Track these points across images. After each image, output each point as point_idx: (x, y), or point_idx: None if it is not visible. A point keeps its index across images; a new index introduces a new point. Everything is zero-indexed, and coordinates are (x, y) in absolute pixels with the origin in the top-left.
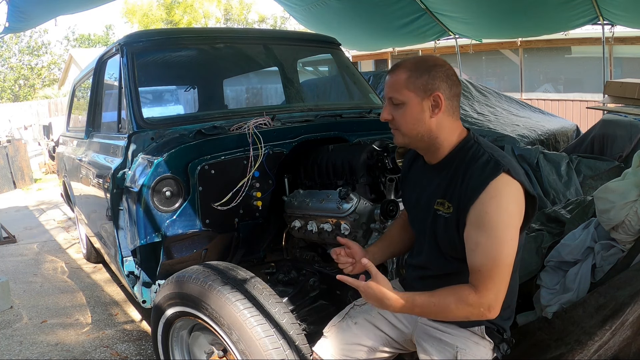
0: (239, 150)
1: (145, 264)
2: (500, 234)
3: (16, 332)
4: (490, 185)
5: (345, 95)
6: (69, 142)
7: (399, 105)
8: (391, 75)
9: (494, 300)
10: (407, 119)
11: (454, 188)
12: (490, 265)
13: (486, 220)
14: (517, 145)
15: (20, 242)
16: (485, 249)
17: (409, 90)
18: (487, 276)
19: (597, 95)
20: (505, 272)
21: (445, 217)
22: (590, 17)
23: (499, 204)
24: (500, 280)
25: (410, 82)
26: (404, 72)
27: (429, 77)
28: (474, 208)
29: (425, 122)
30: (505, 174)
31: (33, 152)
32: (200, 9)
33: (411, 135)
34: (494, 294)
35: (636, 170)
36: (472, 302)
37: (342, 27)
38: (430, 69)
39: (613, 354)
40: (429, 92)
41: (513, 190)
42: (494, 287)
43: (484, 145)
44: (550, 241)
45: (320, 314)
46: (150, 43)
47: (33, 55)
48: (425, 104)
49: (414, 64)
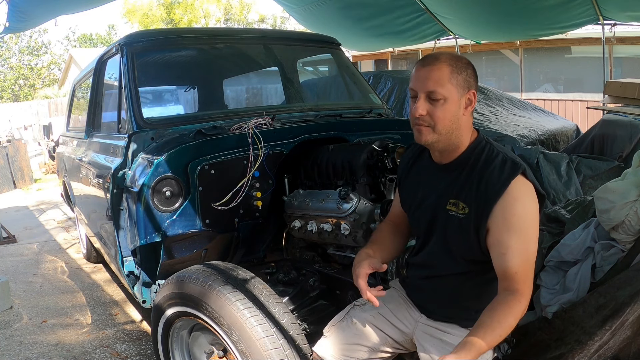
0: (239, 150)
1: (145, 264)
2: (529, 234)
3: (16, 332)
4: (511, 186)
5: (345, 95)
6: (69, 142)
7: (439, 100)
8: (430, 69)
9: (529, 294)
10: (446, 114)
11: (470, 189)
12: (525, 266)
13: (514, 223)
14: (517, 145)
15: (20, 242)
16: (519, 251)
17: (452, 85)
18: (525, 277)
19: (597, 95)
20: (533, 268)
21: (460, 217)
22: (590, 17)
23: (523, 205)
24: (532, 275)
25: (453, 76)
26: (447, 67)
27: (467, 75)
28: (497, 210)
29: (459, 118)
30: (522, 176)
31: (33, 152)
32: (200, 9)
33: (444, 132)
34: (530, 290)
35: (636, 170)
36: (524, 307)
37: (342, 27)
38: (468, 65)
39: (613, 354)
40: (466, 89)
41: (531, 190)
42: (530, 283)
43: (496, 146)
44: (550, 241)
45: (320, 314)
46: (150, 43)
47: (33, 55)
48: (462, 100)
49: (453, 59)
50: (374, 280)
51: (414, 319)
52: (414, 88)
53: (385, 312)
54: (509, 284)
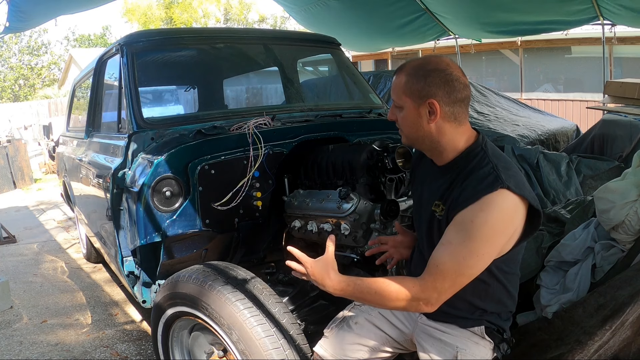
0: (239, 150)
1: (145, 264)
2: (475, 246)
3: (16, 332)
4: (482, 199)
5: (345, 95)
6: (69, 142)
7: (400, 108)
8: (394, 77)
9: (435, 299)
10: (406, 122)
11: (450, 193)
12: (449, 268)
13: (468, 227)
14: (517, 145)
15: (20, 242)
16: (454, 251)
17: (405, 96)
18: (440, 275)
19: (597, 95)
20: (462, 281)
21: (439, 219)
22: (590, 16)
23: (486, 217)
24: (452, 286)
25: (407, 87)
26: (404, 77)
27: (424, 84)
28: (461, 213)
29: (423, 127)
30: (505, 190)
31: (33, 152)
32: (199, 9)
33: (412, 138)
34: (437, 294)
35: (636, 170)
36: (413, 295)
37: (341, 28)
38: (428, 74)
39: (613, 354)
40: (424, 99)
41: (507, 207)
42: (442, 288)
43: (490, 154)
44: (550, 241)
45: (320, 314)
46: (150, 43)
47: (33, 55)
48: (422, 110)
49: (413, 67)
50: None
51: (414, 319)
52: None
53: (385, 312)
54: (425, 271)
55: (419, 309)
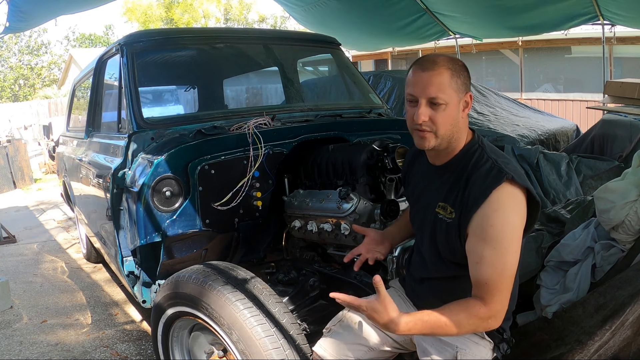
0: (239, 150)
1: (145, 264)
2: (506, 247)
3: (16, 332)
4: (492, 196)
5: (345, 95)
6: (69, 142)
7: (440, 105)
8: (430, 74)
9: (500, 310)
10: (447, 119)
11: (457, 194)
12: (497, 278)
13: (490, 234)
14: (517, 145)
15: (20, 242)
16: (491, 262)
17: (452, 90)
18: (494, 289)
19: (597, 95)
20: (509, 282)
21: (447, 222)
22: (590, 16)
23: (503, 216)
24: (506, 290)
25: (453, 81)
26: (447, 71)
27: (464, 78)
28: (476, 219)
29: (458, 122)
30: (508, 183)
31: (33, 152)
32: (199, 9)
33: (445, 136)
34: (501, 305)
35: (636, 170)
36: (482, 316)
37: (342, 27)
38: (463, 68)
39: (613, 354)
40: (464, 92)
41: (516, 200)
42: (501, 298)
43: (488, 150)
44: (550, 241)
45: (320, 314)
46: (150, 43)
47: (33, 55)
48: (461, 104)
49: (451, 62)
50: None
51: None
52: (414, 94)
53: None
54: (478, 292)
55: (490, 326)
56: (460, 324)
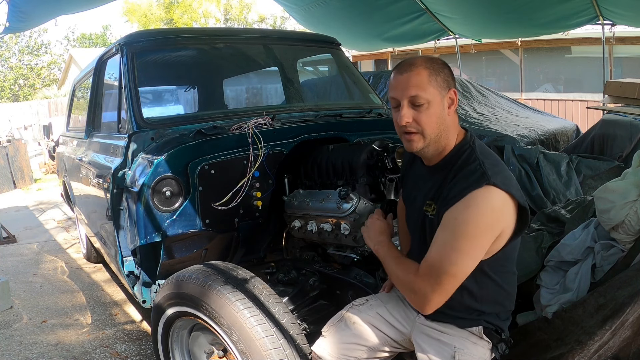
0: (239, 150)
1: (145, 264)
2: (459, 244)
3: (16, 332)
4: (468, 196)
5: (345, 95)
6: (69, 142)
7: (422, 105)
8: (409, 75)
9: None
10: (432, 118)
11: (441, 192)
12: (436, 264)
13: (452, 225)
14: (517, 145)
15: (20, 242)
16: (440, 249)
17: (433, 87)
18: (429, 270)
19: (597, 95)
20: (448, 281)
21: (431, 218)
22: (590, 17)
23: (470, 215)
24: (440, 283)
25: (432, 79)
26: (425, 70)
27: (444, 74)
28: (447, 213)
29: (445, 119)
30: (491, 186)
31: (33, 152)
32: (199, 9)
33: (433, 136)
34: (430, 289)
35: (636, 170)
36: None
37: (342, 27)
38: (442, 66)
39: (613, 354)
40: (447, 89)
41: (494, 204)
42: (433, 283)
43: (478, 151)
44: (550, 241)
45: (320, 314)
46: (150, 43)
47: (33, 55)
48: (445, 100)
49: (428, 61)
50: (373, 280)
51: (412, 319)
52: (395, 97)
53: (384, 312)
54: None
55: (418, 303)
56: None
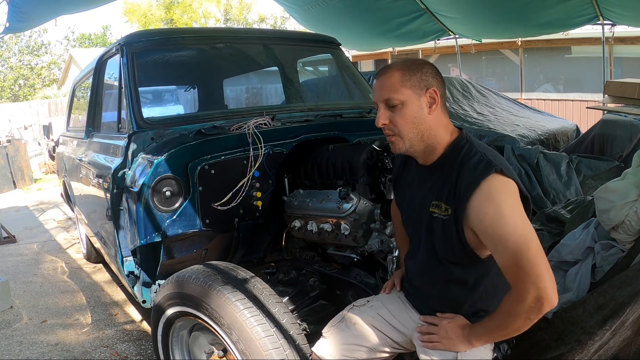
0: (239, 150)
1: (145, 264)
2: (507, 226)
3: (16, 332)
4: (482, 186)
5: (345, 95)
6: (69, 142)
7: (397, 106)
8: (383, 78)
9: (541, 288)
10: (407, 118)
11: (449, 189)
12: (514, 259)
13: (488, 222)
14: (517, 145)
15: (20, 242)
16: (501, 246)
17: (405, 88)
18: (517, 270)
19: (597, 95)
20: (533, 255)
21: (443, 219)
22: (590, 17)
23: (496, 202)
24: (533, 265)
25: (405, 79)
26: (397, 72)
27: (421, 74)
28: (471, 212)
29: (425, 119)
30: (498, 174)
31: (33, 152)
32: (199, 9)
33: (412, 137)
34: (532, 283)
35: (636, 170)
36: (516, 306)
37: (342, 27)
38: (421, 66)
39: (613, 354)
40: (424, 89)
41: (508, 188)
42: (528, 276)
43: (476, 145)
44: (550, 241)
45: (320, 314)
46: (150, 43)
47: (33, 55)
48: (423, 100)
49: (402, 63)
50: (373, 280)
51: (413, 320)
52: (375, 100)
53: (385, 313)
54: (512, 277)
55: (539, 309)
56: (507, 323)
